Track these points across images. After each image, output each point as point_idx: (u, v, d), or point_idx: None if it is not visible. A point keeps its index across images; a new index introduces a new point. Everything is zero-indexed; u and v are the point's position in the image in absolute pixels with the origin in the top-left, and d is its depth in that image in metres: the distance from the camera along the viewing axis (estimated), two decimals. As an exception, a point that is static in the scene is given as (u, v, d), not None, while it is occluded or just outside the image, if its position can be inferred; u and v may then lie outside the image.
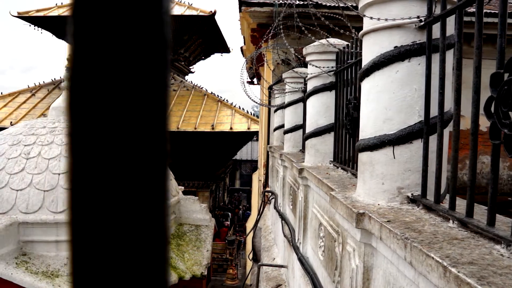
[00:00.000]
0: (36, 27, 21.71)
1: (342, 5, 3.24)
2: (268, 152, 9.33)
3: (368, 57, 2.30)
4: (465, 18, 1.84)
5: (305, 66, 5.41)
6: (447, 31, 1.95)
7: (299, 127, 6.38)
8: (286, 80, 6.57)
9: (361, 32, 2.42)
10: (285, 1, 8.20)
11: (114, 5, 0.22)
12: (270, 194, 8.07)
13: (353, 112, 3.25)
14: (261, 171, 10.99)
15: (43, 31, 22.23)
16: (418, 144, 2.12)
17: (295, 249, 4.50)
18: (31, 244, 8.51)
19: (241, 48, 15.78)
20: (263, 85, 9.85)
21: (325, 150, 4.29)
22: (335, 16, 3.80)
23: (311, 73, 4.34)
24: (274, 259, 6.56)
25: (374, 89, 2.26)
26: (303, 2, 6.73)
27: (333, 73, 4.19)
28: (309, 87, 4.46)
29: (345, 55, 3.78)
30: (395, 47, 2.14)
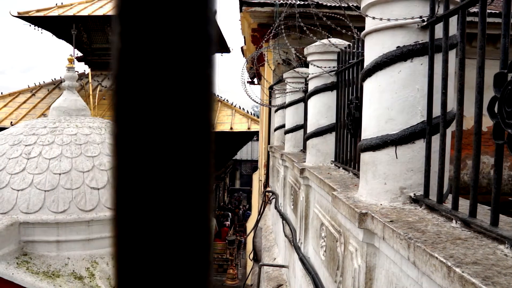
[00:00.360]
0: (36, 27, 21.66)
1: (344, 5, 3.24)
2: (268, 152, 9.33)
3: (370, 57, 2.30)
4: (467, 18, 1.84)
5: (306, 66, 5.41)
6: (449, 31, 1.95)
7: (300, 127, 6.39)
8: (287, 80, 6.57)
9: (363, 32, 2.42)
10: (286, 1, 8.20)
11: (161, 3, 0.23)
12: (271, 194, 8.07)
13: (355, 112, 3.25)
14: (262, 171, 10.98)
15: (43, 31, 22.19)
16: (420, 144, 2.12)
17: (296, 249, 4.50)
18: (32, 244, 8.51)
19: (242, 48, 15.78)
20: (264, 85, 9.84)
21: (326, 150, 4.29)
22: (336, 16, 3.80)
23: (313, 73, 4.34)
24: (275, 259, 6.56)
25: (377, 89, 2.26)
26: (304, 2, 6.73)
27: (334, 73, 4.18)
28: (311, 87, 4.46)
29: (346, 55, 3.77)
30: (397, 47, 2.14)
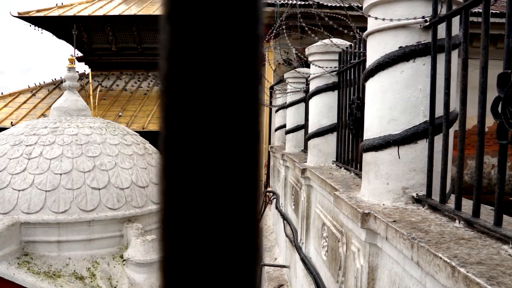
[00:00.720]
0: (36, 27, 21.65)
1: (346, 5, 3.24)
2: (269, 152, 9.33)
3: (372, 57, 2.30)
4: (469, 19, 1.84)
5: (307, 66, 5.41)
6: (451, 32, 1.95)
7: (301, 127, 6.39)
8: (288, 80, 6.57)
9: (365, 32, 2.42)
10: (287, 1, 8.20)
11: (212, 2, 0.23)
12: (272, 194, 8.07)
13: (357, 112, 3.25)
14: (262, 171, 10.98)
15: (44, 31, 22.18)
16: (423, 144, 2.12)
17: (298, 249, 4.50)
18: (32, 244, 8.50)
19: (242, 48, 15.77)
20: (264, 85, 9.84)
21: (327, 150, 4.29)
22: (338, 16, 3.80)
23: (314, 73, 4.34)
24: (276, 259, 6.56)
25: (379, 89, 2.26)
26: (305, 2, 6.73)
27: (336, 73, 4.18)
28: (312, 87, 4.46)
29: (348, 55, 3.77)
30: (400, 47, 2.14)
